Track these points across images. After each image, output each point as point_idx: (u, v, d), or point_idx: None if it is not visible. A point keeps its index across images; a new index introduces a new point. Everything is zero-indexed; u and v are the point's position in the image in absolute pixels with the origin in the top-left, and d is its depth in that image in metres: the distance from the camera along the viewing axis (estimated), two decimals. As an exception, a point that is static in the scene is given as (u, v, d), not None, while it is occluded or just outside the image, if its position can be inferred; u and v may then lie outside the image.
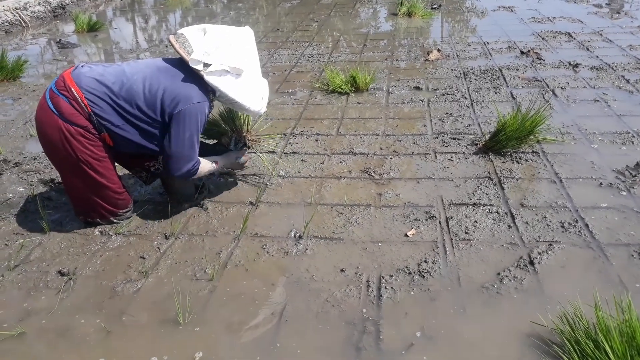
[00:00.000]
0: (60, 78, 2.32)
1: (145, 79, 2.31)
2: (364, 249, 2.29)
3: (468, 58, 5.03)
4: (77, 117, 2.27)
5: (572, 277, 2.05)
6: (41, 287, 2.15)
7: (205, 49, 2.31)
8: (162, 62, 2.42)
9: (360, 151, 3.20)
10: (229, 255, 2.29)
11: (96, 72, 2.33)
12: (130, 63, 2.43)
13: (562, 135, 3.21)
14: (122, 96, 2.28)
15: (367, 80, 4.22)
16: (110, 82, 2.30)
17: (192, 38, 2.36)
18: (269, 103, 4.00)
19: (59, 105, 2.27)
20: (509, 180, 2.76)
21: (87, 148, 2.31)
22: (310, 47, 5.79)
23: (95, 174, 2.37)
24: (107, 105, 2.28)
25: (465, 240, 2.30)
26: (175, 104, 2.29)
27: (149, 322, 1.94)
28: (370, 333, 1.84)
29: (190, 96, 2.31)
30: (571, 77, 4.29)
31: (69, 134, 2.27)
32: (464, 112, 3.69)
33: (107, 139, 2.35)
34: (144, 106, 2.29)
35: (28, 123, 3.95)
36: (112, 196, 2.47)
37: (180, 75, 2.34)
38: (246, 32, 2.50)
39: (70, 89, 2.27)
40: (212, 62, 2.31)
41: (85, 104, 2.26)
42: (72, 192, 2.47)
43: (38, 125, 2.35)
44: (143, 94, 2.29)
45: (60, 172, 2.44)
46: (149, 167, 2.64)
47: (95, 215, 2.50)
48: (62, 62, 5.78)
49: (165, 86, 2.30)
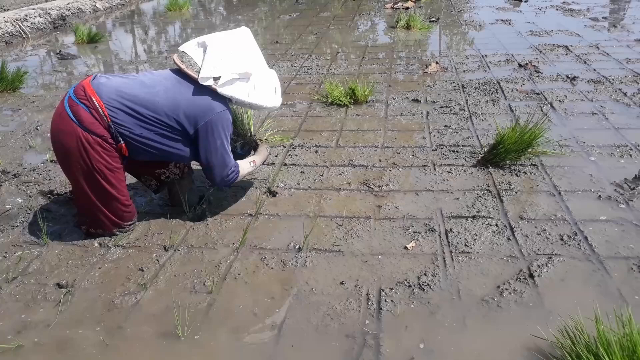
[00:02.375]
0: (79, 86, 2.34)
1: (166, 90, 2.37)
2: (363, 261, 2.29)
3: (466, 71, 5.06)
4: (96, 126, 2.29)
5: (572, 290, 2.05)
6: (39, 300, 2.14)
7: (211, 64, 2.37)
8: (177, 75, 2.45)
9: (359, 163, 3.20)
10: (228, 268, 2.29)
11: (116, 83, 2.37)
12: (146, 74, 2.48)
13: (561, 148, 3.22)
14: (143, 107, 2.33)
15: (366, 92, 4.24)
16: (131, 93, 2.34)
17: (195, 55, 2.42)
18: (268, 115, 4.04)
19: (78, 113, 2.28)
20: (508, 193, 2.77)
21: (103, 158, 2.33)
22: (310, 59, 5.83)
23: (107, 184, 2.39)
24: (127, 115, 2.32)
25: (465, 253, 2.30)
26: (198, 116, 2.38)
27: (148, 335, 1.93)
28: (370, 347, 1.83)
29: (211, 107, 2.40)
30: (569, 90, 4.32)
31: (87, 142, 2.29)
32: (463, 125, 3.71)
33: (124, 149, 2.38)
34: (165, 118, 2.35)
35: (27, 134, 3.95)
36: (119, 208, 2.48)
37: (196, 88, 2.40)
38: (243, 33, 2.55)
39: (90, 98, 2.29)
40: (220, 74, 2.37)
41: (105, 114, 2.29)
42: (80, 201, 2.47)
43: (55, 132, 2.36)
44: (164, 106, 2.34)
45: (72, 180, 2.43)
46: (159, 175, 2.65)
47: (99, 225, 2.50)
48: (61, 73, 5.80)
49: (186, 98, 2.37)
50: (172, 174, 2.67)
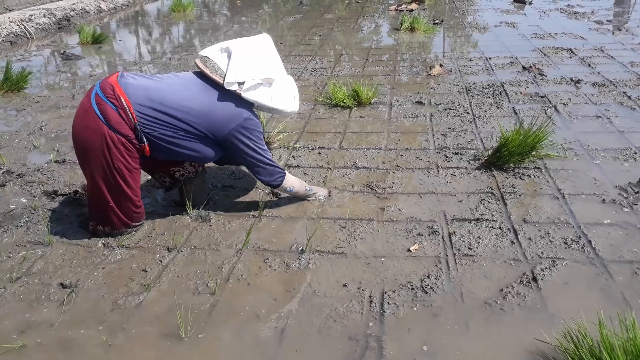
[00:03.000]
0: (107, 85, 2.34)
1: (194, 95, 2.41)
2: (366, 263, 2.29)
3: (470, 73, 5.05)
4: (123, 126, 2.31)
5: (575, 294, 2.05)
6: (43, 300, 2.15)
7: (236, 69, 2.42)
8: (202, 79, 2.49)
9: (362, 165, 3.20)
10: (231, 269, 2.29)
11: (144, 84, 2.39)
12: (172, 77, 2.51)
13: (565, 151, 3.22)
14: (171, 110, 2.36)
15: (370, 94, 4.24)
16: (159, 95, 2.37)
17: (219, 60, 2.47)
18: (272, 116, 4.05)
19: (106, 112, 2.30)
20: (511, 196, 2.76)
21: (124, 157, 2.36)
22: (313, 61, 5.83)
23: (124, 184, 2.41)
24: (154, 117, 2.34)
25: (468, 255, 2.30)
26: (225, 122, 2.43)
27: (151, 336, 1.93)
28: (373, 349, 1.83)
29: (238, 113, 2.45)
30: (573, 93, 4.31)
31: (111, 141, 2.31)
32: (466, 127, 3.70)
33: (147, 150, 2.40)
34: (192, 121, 2.39)
35: (32, 134, 3.96)
36: (131, 209, 2.50)
37: (222, 92, 2.45)
38: (265, 39, 2.61)
39: (119, 97, 2.31)
40: (244, 79, 2.42)
41: (133, 115, 2.31)
42: (93, 198, 2.47)
43: (79, 127, 2.36)
44: (192, 110, 2.38)
45: (88, 176, 2.43)
46: (174, 173, 2.67)
47: (107, 223, 2.50)
48: (66, 74, 5.82)
49: (213, 103, 2.42)
50: (187, 172, 2.68)
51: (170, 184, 2.73)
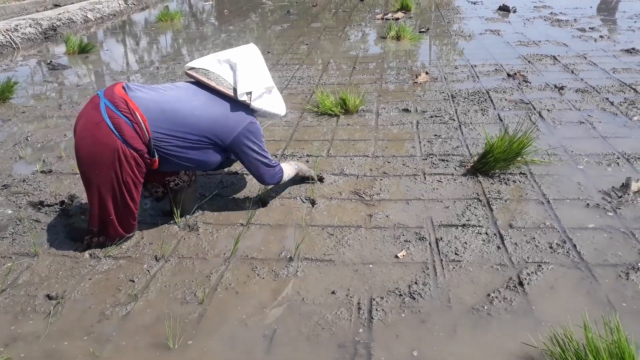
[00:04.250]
0: (117, 98, 2.31)
1: (203, 105, 2.47)
2: (354, 270, 2.30)
3: (456, 81, 5.11)
4: (137, 141, 2.31)
5: (561, 298, 2.07)
6: (29, 312, 2.13)
7: (245, 81, 2.52)
8: (203, 90, 2.54)
9: (350, 172, 3.22)
10: (220, 278, 2.29)
11: (154, 96, 2.40)
12: (174, 89, 2.53)
13: (549, 157, 3.26)
14: (183, 122, 2.39)
15: (357, 102, 4.27)
16: (172, 108, 2.39)
17: (222, 72, 2.55)
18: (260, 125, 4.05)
19: (120, 126, 2.28)
20: (497, 202, 2.79)
21: (133, 172, 2.36)
22: (301, 69, 5.86)
23: (129, 197, 2.40)
24: (168, 130, 2.36)
25: (455, 261, 2.32)
26: (232, 128, 2.50)
27: (139, 346, 1.92)
28: (362, 356, 1.83)
29: (242, 119, 2.54)
30: (557, 99, 4.37)
31: (124, 156, 2.30)
32: (452, 134, 3.74)
33: (156, 163, 2.40)
34: (203, 132, 2.44)
35: (17, 145, 3.93)
36: (129, 221, 2.50)
37: (224, 101, 2.53)
38: (255, 49, 2.73)
39: (134, 112, 2.30)
40: (252, 90, 2.52)
41: (147, 129, 2.31)
42: (96, 212, 2.42)
43: (89, 141, 2.30)
44: (203, 120, 2.43)
45: (93, 190, 2.37)
46: (169, 182, 2.66)
47: (102, 234, 2.48)
48: (52, 84, 5.79)
49: (221, 113, 2.50)
50: (181, 182, 2.68)
51: (162, 194, 2.72)
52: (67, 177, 3.33)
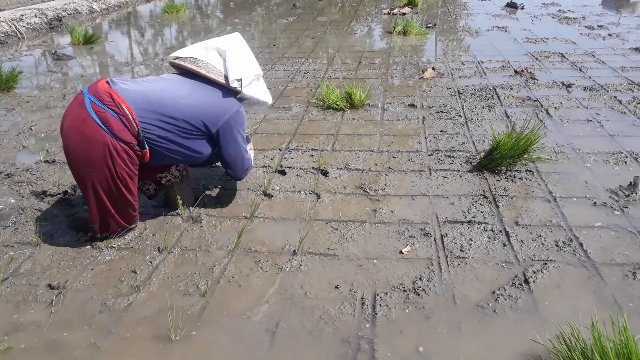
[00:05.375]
0: (102, 92, 2.27)
1: (189, 94, 2.44)
2: (358, 265, 2.28)
3: (462, 77, 5.07)
4: (125, 133, 2.28)
5: (567, 297, 2.05)
6: (30, 301, 2.11)
7: (235, 68, 2.52)
8: (189, 79, 2.53)
9: (355, 167, 3.19)
10: (222, 271, 2.27)
11: (139, 88, 2.38)
12: (159, 80, 2.51)
13: (556, 155, 3.23)
14: (170, 112, 2.37)
15: (363, 97, 4.24)
16: (158, 97, 2.37)
17: (212, 60, 2.55)
18: (264, 118, 4.04)
19: (107, 120, 2.24)
20: (503, 199, 2.76)
21: (127, 165, 2.32)
22: (306, 63, 5.82)
23: (126, 191, 2.38)
24: (156, 120, 2.34)
25: (460, 258, 2.30)
26: (219, 116, 2.49)
27: (141, 338, 1.91)
28: (365, 351, 1.82)
29: (229, 106, 2.54)
30: (564, 97, 4.33)
31: (115, 150, 2.26)
32: (459, 130, 3.71)
33: (147, 156, 2.38)
34: (190, 120, 2.42)
35: (21, 134, 3.92)
36: (129, 213, 2.47)
37: (212, 90, 2.52)
38: (240, 37, 2.73)
39: (120, 105, 2.26)
40: (242, 77, 2.54)
41: (136, 121, 2.28)
42: (94, 209, 2.38)
43: (77, 139, 2.26)
44: (190, 108, 2.41)
45: (88, 188, 2.33)
46: (160, 179, 2.63)
47: (105, 229, 2.45)
48: (57, 74, 5.77)
49: (207, 100, 2.47)
50: (173, 177, 2.64)
51: (155, 191, 2.69)
52: (70, 167, 3.32)
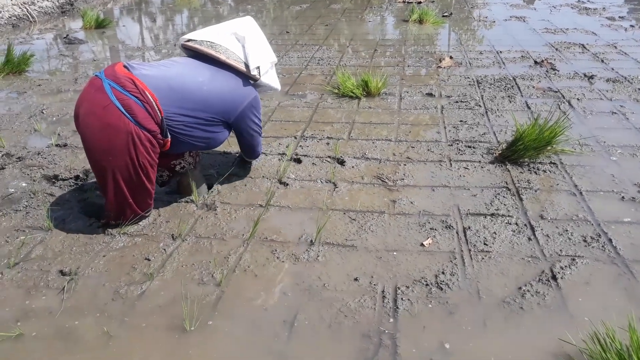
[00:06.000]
0: (123, 78, 2.17)
1: (210, 80, 2.37)
2: (378, 257, 2.20)
3: (481, 66, 4.95)
4: (149, 121, 2.20)
5: (597, 294, 1.96)
6: (41, 287, 2.06)
7: (255, 55, 2.47)
8: (206, 64, 2.44)
9: (372, 156, 3.11)
10: (238, 260, 2.20)
11: (160, 74, 2.28)
12: (175, 64, 2.40)
13: (581, 147, 3.12)
14: (192, 98, 2.30)
15: (379, 85, 4.14)
16: (180, 84, 2.29)
17: (231, 45, 2.47)
18: (279, 105, 3.96)
19: (131, 107, 2.15)
20: (527, 191, 2.67)
21: (149, 154, 2.26)
22: (320, 50, 5.72)
23: (146, 179, 2.31)
24: (178, 108, 2.26)
25: (484, 251, 2.21)
26: (238, 102, 2.45)
27: (154, 327, 1.85)
28: (387, 347, 1.75)
29: (248, 93, 2.50)
30: (587, 88, 4.21)
31: (138, 139, 2.18)
32: (479, 120, 3.61)
33: (168, 144, 2.31)
34: (211, 107, 2.36)
35: (32, 117, 3.87)
36: (146, 201, 2.41)
37: (231, 76, 2.45)
38: (253, 22, 2.65)
39: (144, 92, 2.18)
40: (260, 64, 2.48)
41: (160, 108, 2.20)
42: (112, 197, 2.31)
43: (98, 127, 2.16)
44: (210, 95, 2.35)
45: (107, 176, 2.24)
46: (174, 166, 2.56)
47: (119, 217, 2.39)
48: (68, 58, 5.71)
49: (228, 87, 2.42)
50: (186, 164, 2.58)
51: (168, 178, 2.62)
52: (82, 152, 3.25)
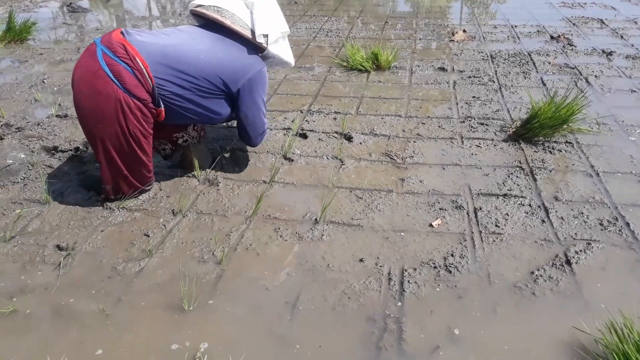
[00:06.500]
0: (115, 44, 2.09)
1: (209, 49, 2.24)
2: (385, 238, 2.12)
3: (495, 41, 4.79)
4: (140, 89, 2.10)
5: (613, 281, 1.88)
6: (37, 262, 2.00)
7: (263, 22, 2.31)
8: (210, 33, 2.32)
9: (381, 132, 3.01)
10: (240, 238, 2.13)
11: (155, 41, 2.18)
12: (176, 32, 2.30)
13: (598, 126, 3.00)
14: (187, 67, 2.17)
15: (390, 58, 4.00)
16: (175, 52, 2.18)
17: (238, 11, 2.33)
18: (285, 78, 3.85)
19: (120, 74, 2.07)
20: (541, 171, 2.57)
21: (140, 123, 2.16)
22: (329, 22, 5.56)
23: (140, 150, 2.22)
24: (172, 77, 2.15)
25: (496, 234, 2.13)
26: (240, 74, 2.29)
27: (151, 307, 1.79)
28: (392, 331, 1.68)
29: (252, 64, 2.33)
30: (605, 65, 4.06)
31: (127, 107, 2.10)
32: (492, 97, 3.48)
33: (162, 114, 2.21)
34: (209, 77, 2.22)
35: (33, 87, 3.78)
36: (144, 174, 2.32)
37: (235, 45, 2.31)
38: None
39: (134, 58, 2.08)
40: (268, 32, 2.32)
41: (150, 76, 2.11)
42: (106, 169, 2.24)
43: (87, 93, 2.09)
44: (209, 64, 2.22)
45: (99, 146, 2.18)
46: (177, 139, 2.48)
47: (118, 192, 2.32)
48: (71, 27, 5.59)
49: (229, 56, 2.28)
50: (190, 137, 2.49)
51: (170, 151, 2.54)
52: (83, 123, 3.18)
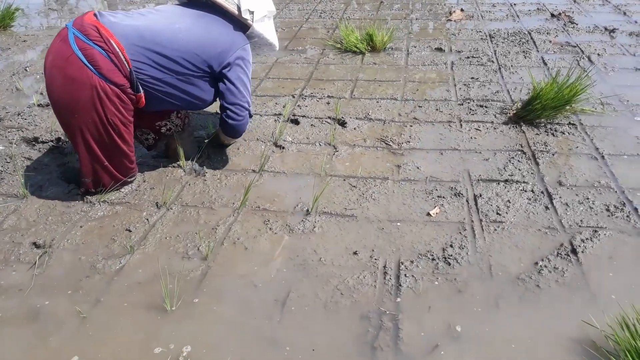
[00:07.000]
0: (88, 26, 1.97)
1: (189, 27, 2.11)
2: (380, 228, 2.01)
3: (494, 19, 4.64)
4: (116, 74, 1.98)
5: (621, 270, 1.77)
6: (12, 261, 1.89)
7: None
8: (191, 10, 2.19)
9: (376, 117, 2.88)
10: (227, 231, 2.02)
11: (130, 22, 2.05)
12: (154, 12, 2.17)
13: (602, 106, 2.88)
14: (166, 48, 2.05)
15: (385, 39, 3.86)
16: (151, 32, 2.04)
17: None
18: (276, 61, 3.71)
19: (94, 58, 1.94)
20: (544, 155, 2.45)
21: (119, 110, 2.04)
22: (323, 2, 5.40)
23: (120, 140, 2.11)
24: (150, 59, 2.03)
25: (497, 222, 2.02)
26: (223, 52, 2.17)
27: (131, 308, 1.68)
28: (388, 330, 1.57)
29: (235, 42, 2.22)
30: (607, 43, 3.92)
31: (104, 93, 1.97)
32: (491, 77, 3.35)
33: (142, 100, 2.09)
34: (189, 57, 2.09)
35: (15, 75, 3.64)
36: (125, 165, 2.21)
37: (217, 22, 2.21)
38: None
39: (108, 40, 1.95)
40: (255, 9, 2.21)
41: (127, 59, 1.98)
42: (86, 161, 2.12)
43: (60, 81, 1.98)
44: (188, 43, 2.09)
45: (76, 136, 2.06)
46: (160, 128, 2.36)
47: (98, 184, 2.20)
48: (57, 12, 5.42)
49: (210, 33, 2.16)
50: (173, 126, 2.37)
51: (154, 141, 2.42)
52: (65, 112, 3.04)
